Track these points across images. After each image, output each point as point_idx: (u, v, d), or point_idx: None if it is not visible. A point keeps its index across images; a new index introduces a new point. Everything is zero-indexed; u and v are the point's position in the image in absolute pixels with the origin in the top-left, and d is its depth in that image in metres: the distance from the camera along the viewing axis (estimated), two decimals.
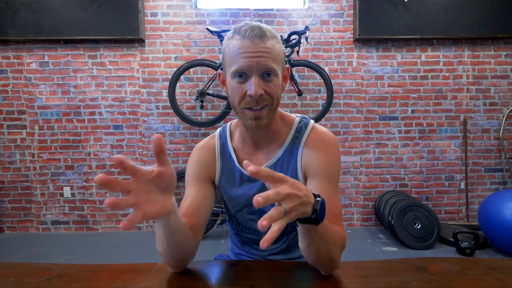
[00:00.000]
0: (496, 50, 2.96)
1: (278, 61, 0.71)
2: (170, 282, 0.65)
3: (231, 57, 0.70)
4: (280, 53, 0.73)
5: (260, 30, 0.69)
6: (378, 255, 2.35)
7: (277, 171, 0.55)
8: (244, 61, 0.68)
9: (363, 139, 3.01)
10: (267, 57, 0.68)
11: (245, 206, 0.84)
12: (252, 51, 0.68)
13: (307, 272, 0.69)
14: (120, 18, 2.78)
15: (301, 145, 0.79)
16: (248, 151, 0.82)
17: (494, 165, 3.02)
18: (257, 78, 0.69)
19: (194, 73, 2.93)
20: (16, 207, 2.98)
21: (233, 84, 0.71)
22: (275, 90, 0.71)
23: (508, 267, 0.68)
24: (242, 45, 0.68)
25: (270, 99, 0.71)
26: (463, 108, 2.99)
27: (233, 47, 0.69)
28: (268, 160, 0.80)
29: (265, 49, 0.68)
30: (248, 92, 0.69)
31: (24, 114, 2.93)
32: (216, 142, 0.85)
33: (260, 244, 0.42)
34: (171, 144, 2.98)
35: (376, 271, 0.68)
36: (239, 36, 0.69)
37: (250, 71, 0.69)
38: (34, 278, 0.66)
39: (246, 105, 0.71)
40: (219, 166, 0.83)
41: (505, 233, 2.16)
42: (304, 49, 2.90)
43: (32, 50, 2.89)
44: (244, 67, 0.68)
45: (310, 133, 0.80)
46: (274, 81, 0.71)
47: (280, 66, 0.73)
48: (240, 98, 0.71)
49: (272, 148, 0.81)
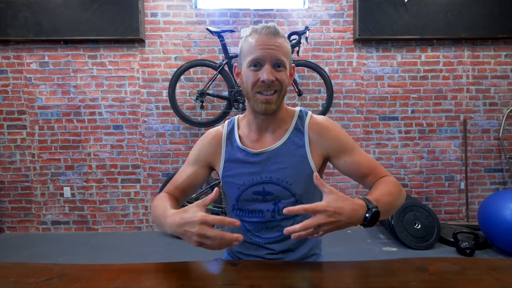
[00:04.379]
0: (496, 50, 2.96)
1: (287, 56, 0.83)
2: (170, 282, 0.65)
3: (249, 49, 0.82)
4: (289, 50, 0.84)
5: (274, 29, 0.82)
6: (378, 255, 2.35)
7: (283, 154, 0.86)
8: (259, 52, 0.80)
9: (363, 139, 3.01)
10: (279, 51, 0.80)
11: (250, 185, 0.87)
12: (267, 44, 0.80)
13: (307, 272, 0.69)
14: (120, 18, 2.78)
15: (306, 131, 0.88)
16: (253, 138, 0.90)
17: (494, 165, 3.02)
18: (269, 67, 0.80)
19: (194, 73, 2.93)
20: (16, 207, 2.98)
21: (248, 72, 0.82)
22: (284, 78, 0.82)
23: (508, 267, 0.68)
24: (259, 39, 0.80)
25: (279, 86, 0.82)
26: (463, 108, 2.99)
27: (250, 40, 0.82)
28: (272, 144, 0.88)
29: (278, 43, 0.81)
30: (261, 78, 0.80)
31: (24, 114, 2.94)
32: (224, 130, 0.94)
33: (286, 231, 0.64)
34: (171, 144, 2.98)
35: (376, 271, 0.68)
36: (256, 33, 0.82)
37: (264, 61, 0.80)
38: (34, 278, 0.66)
39: (258, 89, 0.81)
40: (224, 150, 0.91)
41: (505, 233, 2.16)
42: (304, 49, 2.90)
43: (32, 50, 2.90)
44: (259, 57, 0.80)
45: (310, 120, 0.90)
46: (284, 72, 0.82)
47: (288, 62, 0.84)
48: (253, 83, 0.81)
49: (276, 134, 0.89)
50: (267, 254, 0.88)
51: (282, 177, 0.85)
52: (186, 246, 2.56)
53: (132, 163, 2.98)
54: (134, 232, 2.99)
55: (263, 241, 0.88)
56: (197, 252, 2.45)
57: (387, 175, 0.86)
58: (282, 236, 0.86)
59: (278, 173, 0.85)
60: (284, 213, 0.65)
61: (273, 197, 0.86)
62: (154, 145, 2.98)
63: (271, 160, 0.86)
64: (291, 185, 0.85)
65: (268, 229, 0.88)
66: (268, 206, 0.86)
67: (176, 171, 2.90)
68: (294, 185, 0.85)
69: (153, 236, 2.85)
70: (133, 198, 3.00)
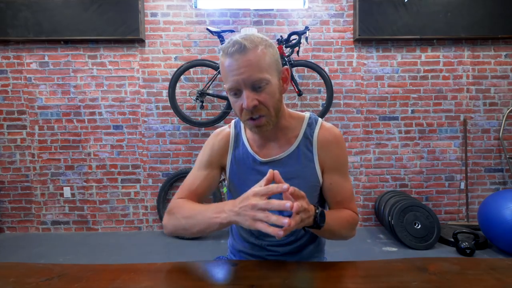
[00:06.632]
0: (496, 50, 2.96)
1: (267, 68, 0.73)
2: (170, 282, 0.65)
3: (224, 76, 0.75)
4: (269, 58, 0.74)
5: (239, 45, 0.71)
6: (378, 255, 2.35)
7: (291, 163, 0.84)
8: (231, 79, 0.72)
9: (363, 139, 3.01)
10: (252, 69, 0.71)
11: None
12: (236, 67, 0.71)
13: (307, 272, 0.69)
14: (120, 18, 2.78)
15: (314, 141, 0.85)
16: (259, 143, 0.87)
17: (494, 165, 3.02)
18: (248, 91, 0.72)
19: (194, 73, 2.93)
20: (16, 207, 2.98)
21: (232, 100, 0.77)
22: (268, 99, 0.74)
23: (508, 267, 0.68)
24: (228, 63, 0.72)
25: (265, 109, 0.75)
26: (463, 108, 2.99)
27: (222, 66, 0.75)
28: (281, 152, 0.85)
29: (246, 62, 0.70)
30: (242, 105, 0.73)
31: (24, 114, 2.94)
32: (231, 131, 0.91)
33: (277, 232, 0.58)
34: (171, 144, 2.98)
35: (376, 271, 0.68)
36: (224, 55, 0.74)
37: (240, 87, 0.73)
38: (34, 278, 0.66)
39: (246, 116, 0.76)
40: (231, 153, 0.89)
41: (505, 233, 2.16)
42: (304, 49, 2.90)
43: (32, 50, 2.90)
44: (233, 85, 0.73)
45: (320, 129, 0.86)
46: (266, 90, 0.74)
47: (273, 71, 0.75)
48: (239, 111, 0.77)
49: (283, 142, 0.86)
50: (270, 255, 0.89)
51: None
52: (186, 246, 2.57)
53: (132, 163, 2.98)
54: (134, 232, 2.99)
55: (266, 243, 0.89)
56: (197, 252, 2.45)
57: (355, 212, 0.87)
58: (286, 240, 0.87)
59: (285, 182, 0.83)
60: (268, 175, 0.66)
61: None
62: (154, 145, 2.98)
63: (278, 169, 0.83)
64: None
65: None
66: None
67: (176, 171, 2.94)
68: None
69: (153, 236, 2.85)
70: (133, 198, 3.00)
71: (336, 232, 0.78)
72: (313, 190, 0.85)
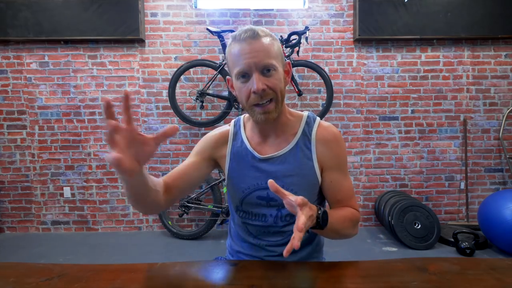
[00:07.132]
0: (496, 50, 2.96)
1: (275, 56, 0.77)
2: (170, 282, 0.65)
3: (233, 61, 0.77)
4: (276, 48, 0.78)
5: (252, 31, 0.75)
6: (378, 255, 2.35)
7: (290, 160, 0.84)
8: (243, 62, 0.75)
9: (363, 139, 3.01)
10: (264, 54, 0.75)
11: (255, 189, 0.86)
12: (248, 51, 0.74)
13: (307, 272, 0.69)
14: (120, 18, 2.78)
15: (313, 139, 0.85)
16: (258, 141, 0.88)
17: (494, 165, 3.02)
18: (257, 74, 0.75)
19: (194, 73, 2.93)
20: (16, 207, 2.98)
21: (238, 85, 0.78)
22: (277, 83, 0.77)
23: (508, 267, 0.68)
24: (239, 48, 0.75)
25: (273, 93, 0.77)
26: (463, 108, 2.99)
27: (232, 52, 0.77)
28: (279, 149, 0.86)
29: (259, 47, 0.75)
30: (252, 89, 0.75)
31: (24, 114, 2.94)
32: (230, 129, 0.92)
33: (284, 253, 0.56)
34: (171, 144, 2.98)
35: (376, 271, 0.68)
36: (235, 42, 0.76)
37: (250, 70, 0.75)
38: (34, 278, 0.66)
39: (253, 102, 0.77)
40: (229, 150, 0.90)
41: (505, 233, 2.16)
42: (304, 49, 2.90)
43: (32, 50, 2.90)
44: (244, 68, 0.75)
45: (318, 127, 0.87)
46: (275, 76, 0.77)
47: (279, 61, 0.79)
48: (246, 96, 0.77)
49: (282, 139, 0.86)
50: (267, 256, 0.89)
51: (287, 185, 0.82)
52: (186, 246, 2.57)
53: None
54: (134, 232, 2.99)
55: (264, 243, 0.89)
56: (197, 252, 2.45)
57: (356, 209, 0.87)
58: (284, 240, 0.87)
59: (283, 180, 0.83)
60: (269, 185, 0.64)
61: (277, 204, 0.84)
62: None
63: (277, 166, 0.85)
64: (296, 193, 0.84)
65: (270, 234, 0.88)
66: (271, 211, 0.86)
67: None
68: (298, 193, 0.83)
69: (153, 236, 2.85)
70: None
71: (339, 231, 0.79)
72: (312, 188, 0.85)
